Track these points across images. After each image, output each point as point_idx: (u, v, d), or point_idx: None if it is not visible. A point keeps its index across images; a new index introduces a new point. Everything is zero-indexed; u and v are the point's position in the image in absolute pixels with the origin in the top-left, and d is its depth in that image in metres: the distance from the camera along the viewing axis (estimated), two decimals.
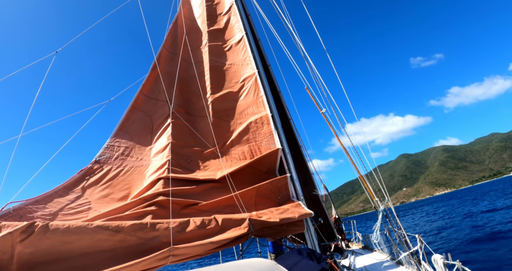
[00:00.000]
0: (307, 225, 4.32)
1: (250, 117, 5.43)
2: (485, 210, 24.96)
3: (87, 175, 4.25)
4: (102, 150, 4.82)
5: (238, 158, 5.03)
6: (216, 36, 7.03)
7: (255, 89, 5.77)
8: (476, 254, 11.29)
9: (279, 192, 4.55)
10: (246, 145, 5.14)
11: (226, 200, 4.01)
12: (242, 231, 3.14)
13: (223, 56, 6.64)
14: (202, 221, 3.01)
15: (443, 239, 16.25)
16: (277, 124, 5.27)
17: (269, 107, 5.39)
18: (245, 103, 5.73)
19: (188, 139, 5.22)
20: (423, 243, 4.22)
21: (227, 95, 5.90)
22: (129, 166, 4.68)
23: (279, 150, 4.74)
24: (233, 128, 5.44)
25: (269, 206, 4.21)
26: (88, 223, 2.37)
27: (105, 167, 4.51)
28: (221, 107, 5.77)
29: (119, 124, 5.28)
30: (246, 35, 6.55)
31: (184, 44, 6.68)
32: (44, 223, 2.16)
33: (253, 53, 6.26)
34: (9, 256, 1.93)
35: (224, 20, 7.34)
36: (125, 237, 2.43)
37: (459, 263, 3.11)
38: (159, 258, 2.40)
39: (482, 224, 17.94)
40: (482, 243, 13.03)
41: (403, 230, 5.05)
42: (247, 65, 6.19)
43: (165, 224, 2.72)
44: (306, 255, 3.20)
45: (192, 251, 2.65)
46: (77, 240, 2.22)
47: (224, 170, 4.49)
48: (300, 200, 4.60)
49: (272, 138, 4.97)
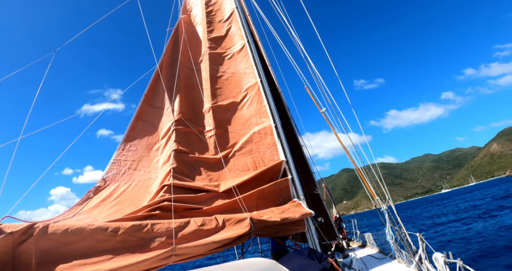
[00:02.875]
0: (308, 224, 4.31)
1: (253, 128, 5.37)
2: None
3: (95, 195, 4.11)
4: (109, 165, 4.66)
5: (241, 169, 4.98)
6: (217, 43, 6.93)
7: (258, 99, 5.69)
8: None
9: (281, 194, 4.56)
10: (249, 156, 5.09)
11: (228, 204, 4.00)
12: (243, 230, 3.14)
13: (225, 65, 6.54)
14: (203, 221, 3.00)
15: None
16: (281, 135, 5.19)
17: (272, 118, 5.30)
18: (248, 113, 5.66)
19: (191, 146, 5.14)
20: (424, 242, 4.22)
21: (230, 105, 5.82)
22: (137, 180, 4.55)
23: (283, 162, 4.69)
24: (236, 139, 5.37)
25: (270, 207, 4.21)
26: (89, 224, 2.36)
27: (113, 184, 4.37)
28: (224, 117, 5.69)
29: (124, 136, 5.16)
30: (248, 43, 6.43)
31: (184, 50, 6.58)
32: (45, 225, 2.16)
33: (255, 61, 6.14)
34: (10, 257, 1.92)
35: (225, 28, 7.21)
36: (126, 238, 2.42)
37: (460, 262, 3.10)
38: (162, 257, 2.39)
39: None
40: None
41: (404, 228, 5.05)
42: (250, 73, 6.09)
43: (166, 224, 2.71)
44: (307, 254, 3.20)
45: (194, 250, 2.65)
46: (78, 241, 2.21)
47: (228, 181, 4.45)
48: (300, 200, 4.60)
49: (276, 149, 4.92)
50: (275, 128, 5.16)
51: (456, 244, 12.89)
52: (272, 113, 5.41)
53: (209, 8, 7.77)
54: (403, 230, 5.01)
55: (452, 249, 9.13)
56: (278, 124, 5.35)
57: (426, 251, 4.22)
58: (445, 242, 13.81)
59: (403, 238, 4.99)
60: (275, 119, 5.36)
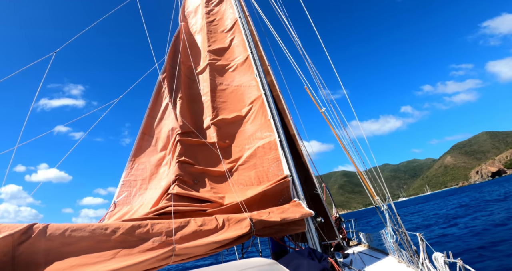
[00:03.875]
0: (308, 224, 4.32)
1: (258, 142, 5.28)
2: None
3: (109, 220, 4.03)
4: (119, 188, 4.55)
5: (245, 183, 4.90)
6: (219, 55, 6.70)
7: (262, 113, 5.59)
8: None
9: (281, 194, 4.58)
10: (253, 170, 5.02)
11: (230, 208, 3.99)
12: (243, 230, 3.14)
13: (229, 77, 6.36)
14: (203, 221, 3.00)
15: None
16: (285, 150, 5.10)
17: (277, 132, 5.21)
18: (253, 127, 5.57)
19: (196, 159, 5.05)
20: (424, 242, 4.22)
21: (234, 119, 5.72)
22: (148, 198, 4.48)
23: (287, 177, 4.65)
24: (241, 153, 5.28)
25: (271, 207, 4.22)
26: (88, 224, 2.36)
27: (125, 207, 4.29)
28: (228, 131, 5.60)
29: (131, 154, 5.04)
30: (251, 54, 6.24)
31: (185, 60, 6.43)
32: (44, 225, 2.15)
33: (259, 74, 5.99)
34: (10, 257, 1.92)
35: (228, 38, 6.95)
36: (126, 238, 2.42)
37: (460, 261, 3.10)
38: (162, 257, 2.39)
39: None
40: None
41: (404, 228, 5.05)
42: (254, 86, 5.96)
43: (166, 224, 2.71)
44: (307, 254, 3.20)
45: (194, 250, 2.64)
46: (78, 241, 2.21)
47: (233, 194, 4.41)
48: (300, 200, 4.61)
49: (280, 164, 4.85)
50: (279, 143, 5.06)
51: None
52: (276, 127, 5.31)
53: (210, 17, 7.44)
54: (403, 229, 5.01)
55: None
56: (283, 139, 5.25)
57: (426, 250, 4.22)
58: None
59: (403, 237, 4.99)
60: (280, 134, 5.25)
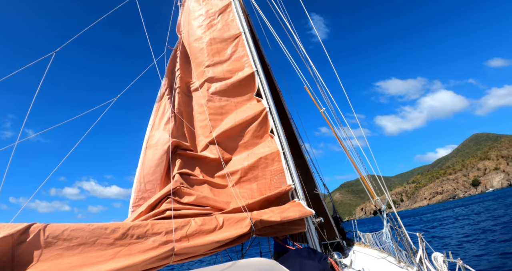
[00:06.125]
0: (307, 224, 4.32)
1: (260, 153, 5.19)
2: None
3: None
4: (130, 209, 4.39)
5: (247, 196, 4.82)
6: (221, 69, 6.52)
7: (265, 125, 5.53)
8: None
9: (282, 198, 4.60)
10: (255, 183, 4.94)
11: (233, 211, 3.98)
12: (243, 230, 3.14)
13: (230, 93, 6.22)
14: (203, 220, 3.00)
15: None
16: (289, 161, 5.03)
17: (280, 144, 5.14)
18: (256, 139, 5.50)
19: (197, 171, 4.99)
20: (424, 242, 4.22)
21: (236, 131, 5.64)
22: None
23: (291, 185, 4.62)
24: (241, 166, 5.19)
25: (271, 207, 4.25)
26: (88, 224, 2.36)
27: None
28: (230, 145, 5.53)
29: (137, 175, 4.84)
30: (257, 72, 6.11)
31: (184, 75, 6.35)
32: (44, 225, 2.15)
33: (263, 88, 5.93)
34: (10, 257, 1.91)
35: (228, 51, 6.69)
36: (126, 237, 2.42)
37: (460, 261, 3.09)
38: (162, 257, 2.39)
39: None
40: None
41: (403, 228, 5.05)
42: (254, 101, 5.89)
43: (166, 224, 2.71)
44: (307, 254, 3.20)
45: (194, 250, 2.64)
46: (77, 241, 2.21)
47: (236, 202, 4.36)
48: (300, 200, 4.61)
49: (283, 176, 4.77)
50: (283, 154, 4.98)
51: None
52: (280, 139, 5.25)
53: (210, 29, 7.16)
54: (402, 229, 5.01)
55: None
56: (286, 151, 5.17)
57: (426, 251, 4.23)
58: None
59: (403, 237, 4.99)
60: (283, 145, 5.18)
